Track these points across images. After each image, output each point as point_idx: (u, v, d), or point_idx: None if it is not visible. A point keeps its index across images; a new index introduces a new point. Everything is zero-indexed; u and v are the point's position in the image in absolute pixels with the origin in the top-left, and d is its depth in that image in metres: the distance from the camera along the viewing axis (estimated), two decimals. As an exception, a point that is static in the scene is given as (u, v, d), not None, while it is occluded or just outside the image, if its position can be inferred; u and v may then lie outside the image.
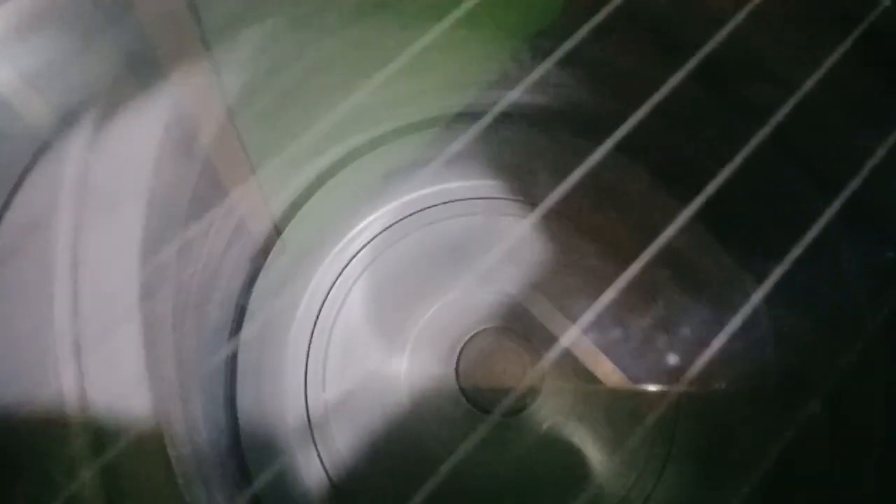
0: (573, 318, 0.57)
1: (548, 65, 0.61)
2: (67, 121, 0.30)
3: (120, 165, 0.29)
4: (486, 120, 0.64)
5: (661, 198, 0.60)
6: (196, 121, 0.34)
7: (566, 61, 0.60)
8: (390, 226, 0.61)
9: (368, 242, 0.61)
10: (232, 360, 0.57)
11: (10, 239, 0.29)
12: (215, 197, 0.48)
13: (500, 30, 0.60)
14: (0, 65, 0.28)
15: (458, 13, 0.51)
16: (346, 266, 0.60)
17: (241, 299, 0.57)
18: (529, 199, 0.62)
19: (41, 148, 0.30)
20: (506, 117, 0.65)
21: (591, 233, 0.61)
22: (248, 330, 0.57)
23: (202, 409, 0.51)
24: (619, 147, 0.60)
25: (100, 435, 0.29)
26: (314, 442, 0.57)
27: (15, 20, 0.28)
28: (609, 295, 0.58)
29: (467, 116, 0.64)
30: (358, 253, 0.60)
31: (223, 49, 0.38)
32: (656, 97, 0.36)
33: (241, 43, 0.41)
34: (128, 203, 0.29)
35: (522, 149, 0.63)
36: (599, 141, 0.64)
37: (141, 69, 0.30)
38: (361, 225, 0.61)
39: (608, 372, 0.56)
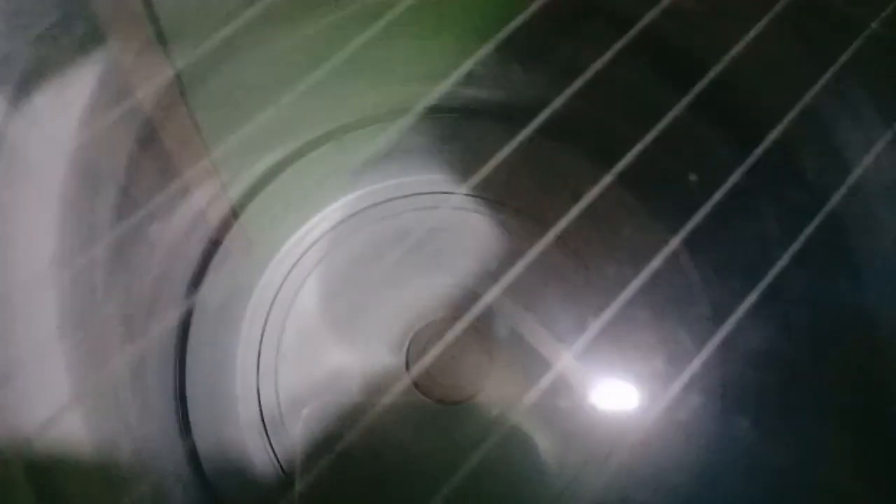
0: (524, 308, 0.57)
1: (511, 62, 0.62)
2: (12, 93, 0.30)
3: (45, 128, 0.29)
4: (453, 115, 0.65)
5: (628, 203, 0.61)
6: (136, 87, 0.33)
7: (528, 58, 0.61)
8: (348, 217, 0.61)
9: (325, 233, 0.60)
10: (182, 354, 0.56)
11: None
12: (167, 179, 0.48)
13: (462, 24, 0.60)
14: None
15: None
16: (301, 257, 0.60)
17: (192, 289, 0.57)
18: (487, 194, 0.62)
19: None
20: (468, 112, 0.65)
21: (543, 225, 0.61)
22: (199, 320, 0.57)
23: (151, 407, 0.50)
24: (570, 139, 0.61)
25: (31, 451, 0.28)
26: (267, 435, 0.56)
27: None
28: (561, 284, 0.58)
29: (429, 111, 0.64)
30: (314, 244, 0.60)
31: (171, 18, 0.37)
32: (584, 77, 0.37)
33: (191, 17, 0.40)
34: (51, 168, 0.28)
35: (483, 144, 0.63)
36: (562, 138, 0.65)
37: (75, 30, 0.30)
38: (319, 216, 0.61)
39: (557, 359, 0.56)
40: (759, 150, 0.39)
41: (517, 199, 0.61)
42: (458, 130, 0.64)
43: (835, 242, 0.43)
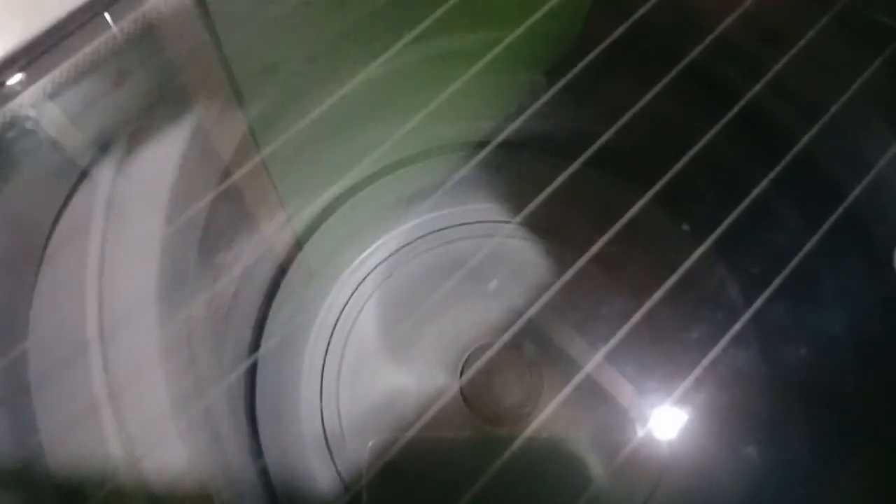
0: (575, 333, 0.59)
1: (562, 99, 0.64)
2: (103, 150, 0.34)
3: (143, 185, 0.33)
4: (500, 148, 0.67)
5: (668, 224, 0.62)
6: (218, 142, 0.37)
7: (581, 94, 0.63)
8: (404, 246, 0.64)
9: (384, 261, 0.64)
10: (252, 374, 0.60)
11: (54, 250, 0.32)
12: (240, 217, 0.52)
13: (517, 63, 0.63)
14: (48, 107, 0.32)
15: (483, 58, 0.54)
16: (359, 284, 0.63)
17: (260, 315, 0.60)
18: (537, 223, 0.65)
19: (81, 176, 0.34)
20: (521, 146, 0.68)
21: (595, 255, 0.63)
22: (266, 344, 0.60)
23: (225, 426, 0.54)
24: (608, 167, 0.63)
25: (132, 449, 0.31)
26: (330, 451, 0.59)
27: (66, 69, 0.32)
28: (612, 310, 0.60)
29: (481, 144, 0.67)
30: (373, 270, 0.63)
31: (247, 78, 0.41)
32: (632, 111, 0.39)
33: (264, 74, 0.44)
34: (148, 216, 0.32)
35: (532, 176, 0.66)
36: (609, 169, 0.67)
37: (169, 99, 0.34)
38: (376, 244, 0.64)
39: (608, 383, 0.58)
40: (784, 161, 0.41)
41: (566, 228, 0.63)
42: (509, 162, 0.66)
43: (856, 239, 0.45)
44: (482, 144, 0.67)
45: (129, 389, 0.31)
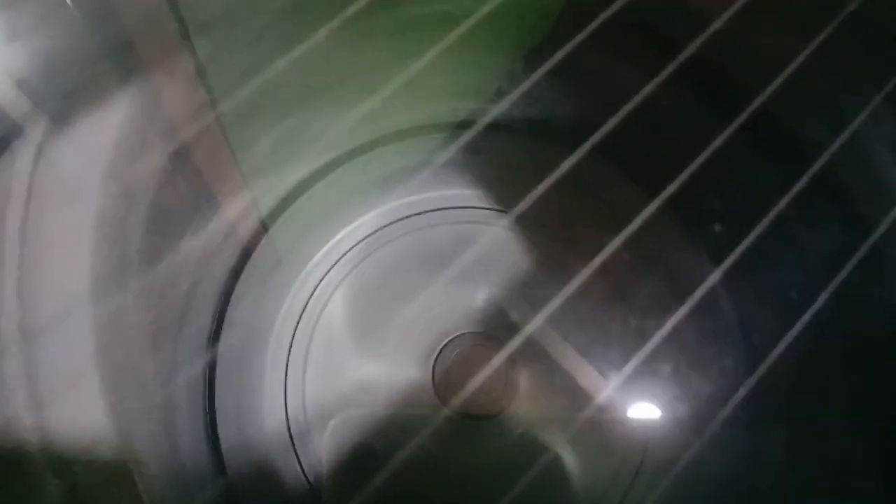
0: (551, 323, 0.57)
1: (539, 77, 0.62)
2: (53, 117, 0.31)
3: (85, 157, 0.30)
4: (476, 130, 0.65)
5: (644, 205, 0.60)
6: (175, 115, 0.34)
7: (559, 75, 0.61)
8: (375, 231, 0.61)
9: (353, 246, 0.61)
10: (211, 365, 0.57)
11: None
12: (198, 193, 0.49)
13: (494, 43, 0.60)
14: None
15: (455, 33, 0.51)
16: (329, 270, 0.60)
17: (221, 302, 0.57)
18: (514, 209, 0.63)
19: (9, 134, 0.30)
20: (497, 128, 0.65)
21: (572, 242, 0.61)
22: (228, 333, 0.57)
23: (180, 420, 0.51)
24: (603, 156, 0.61)
25: (60, 461, 0.28)
26: (294, 448, 0.57)
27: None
28: (588, 301, 0.58)
29: (457, 126, 0.64)
30: (342, 257, 0.61)
31: (206, 46, 0.38)
32: (631, 103, 0.37)
33: (225, 41, 0.41)
34: (89, 195, 0.29)
35: (509, 159, 0.63)
36: (592, 155, 0.65)
37: (121, 63, 0.31)
38: (347, 229, 0.61)
39: (584, 374, 0.56)
40: (801, 182, 0.38)
41: (544, 214, 0.61)
42: (485, 145, 0.64)
43: (873, 275, 0.43)
44: (458, 126, 0.65)
45: (60, 396, 0.28)
